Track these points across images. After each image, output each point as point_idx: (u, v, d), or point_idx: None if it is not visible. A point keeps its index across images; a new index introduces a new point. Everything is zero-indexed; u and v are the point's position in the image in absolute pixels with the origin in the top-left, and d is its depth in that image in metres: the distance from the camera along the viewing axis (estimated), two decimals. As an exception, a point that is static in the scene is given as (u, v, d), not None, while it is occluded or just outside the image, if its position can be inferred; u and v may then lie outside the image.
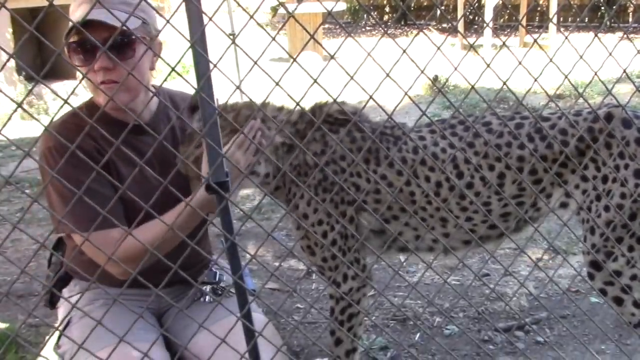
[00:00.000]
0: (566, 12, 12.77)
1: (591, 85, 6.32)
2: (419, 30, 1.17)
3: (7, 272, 3.74)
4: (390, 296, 3.30)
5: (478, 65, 1.52)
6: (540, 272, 3.47)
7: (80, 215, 1.80)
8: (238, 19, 5.59)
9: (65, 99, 0.91)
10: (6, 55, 0.79)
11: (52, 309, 2.19)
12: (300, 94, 1.09)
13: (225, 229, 1.36)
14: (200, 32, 1.22)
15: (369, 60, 1.10)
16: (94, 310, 2.01)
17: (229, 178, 1.39)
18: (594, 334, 2.94)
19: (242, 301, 1.41)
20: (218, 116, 1.33)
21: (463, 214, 2.14)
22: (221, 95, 1.73)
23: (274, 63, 9.66)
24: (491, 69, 1.21)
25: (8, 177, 0.90)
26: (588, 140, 2.01)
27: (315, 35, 1.09)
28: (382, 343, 2.89)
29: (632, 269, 2.00)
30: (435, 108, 6.84)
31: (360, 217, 2.21)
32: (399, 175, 2.16)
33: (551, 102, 1.23)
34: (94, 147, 1.93)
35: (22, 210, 4.66)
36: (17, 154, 5.94)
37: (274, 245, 3.94)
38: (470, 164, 2.11)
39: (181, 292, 2.14)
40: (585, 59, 1.31)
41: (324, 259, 2.18)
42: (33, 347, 2.79)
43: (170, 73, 1.06)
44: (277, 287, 3.50)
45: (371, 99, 1.10)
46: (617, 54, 1.40)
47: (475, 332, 3.01)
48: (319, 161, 2.13)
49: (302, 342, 2.98)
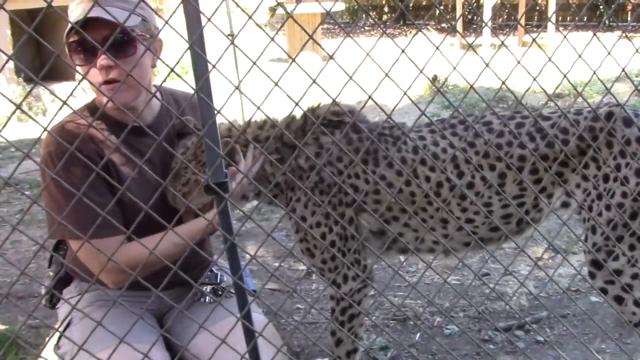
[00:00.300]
0: (565, 11, 12.78)
1: (590, 84, 6.33)
2: (418, 30, 1.17)
3: (7, 274, 3.74)
4: (391, 296, 3.30)
5: (477, 64, 1.52)
6: (540, 272, 3.47)
7: (73, 223, 1.77)
8: (237, 19, 5.59)
9: (64, 101, 0.91)
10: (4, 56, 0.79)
11: (52, 309, 2.18)
12: (299, 94, 1.09)
13: (224, 230, 1.36)
14: (198, 33, 1.22)
15: (368, 60, 1.10)
16: (94, 311, 2.01)
17: (228, 179, 1.39)
18: (594, 333, 2.94)
19: (242, 302, 1.41)
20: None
21: (464, 214, 2.14)
22: (220, 96, 1.73)
23: (272, 63, 9.65)
24: (490, 69, 1.21)
25: (7, 179, 0.90)
26: (588, 139, 2.01)
27: (314, 36, 1.09)
28: (382, 343, 2.89)
29: (632, 267, 2.00)
30: (434, 108, 6.84)
31: (360, 218, 2.20)
32: (399, 176, 2.16)
33: (550, 101, 1.23)
34: (95, 151, 1.90)
35: (22, 212, 4.65)
36: (17, 156, 5.94)
37: (274, 245, 3.94)
38: (470, 164, 2.10)
39: (182, 294, 2.14)
40: (584, 58, 1.31)
41: (323, 261, 2.18)
42: (33, 348, 2.79)
43: (169, 74, 1.06)
44: (277, 287, 3.50)
45: (370, 99, 1.10)
46: (616, 52, 1.40)
47: (476, 331, 3.01)
48: (313, 164, 2.14)
49: (303, 342, 2.97)
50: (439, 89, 1.14)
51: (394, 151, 2.17)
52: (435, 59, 1.16)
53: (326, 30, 14.06)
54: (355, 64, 1.10)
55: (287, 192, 2.20)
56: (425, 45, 7.46)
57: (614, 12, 11.85)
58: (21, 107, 0.86)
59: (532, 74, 1.26)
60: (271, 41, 1.04)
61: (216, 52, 1.25)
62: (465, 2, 10.38)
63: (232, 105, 5.52)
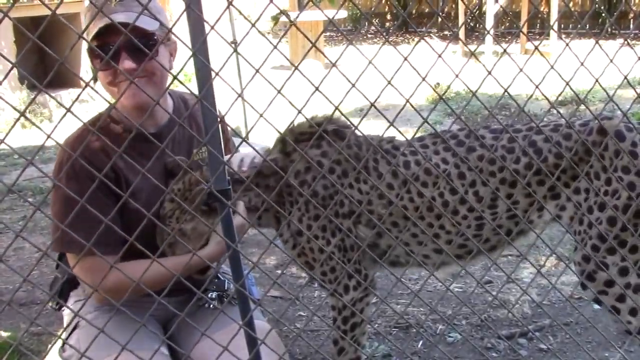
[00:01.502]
0: (567, 19, 12.79)
1: (593, 92, 6.32)
2: (420, 38, 1.17)
3: (10, 281, 3.74)
4: (393, 304, 3.30)
5: (479, 72, 1.52)
6: (543, 279, 3.46)
7: (72, 239, 1.74)
8: (240, 27, 5.61)
9: (68, 108, 0.92)
10: (8, 63, 0.79)
11: (58, 310, 2.19)
12: (301, 102, 1.09)
13: (227, 237, 1.36)
14: (202, 41, 1.22)
15: (370, 68, 1.11)
16: (99, 316, 2.01)
17: (230, 186, 1.39)
18: (598, 341, 2.93)
19: (245, 309, 1.41)
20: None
21: (455, 229, 2.14)
22: (223, 103, 1.74)
23: (275, 71, 9.68)
24: (492, 76, 1.21)
25: (11, 186, 0.91)
26: (581, 153, 2.02)
27: (316, 43, 1.10)
28: (384, 351, 2.88)
29: (625, 277, 2.00)
30: (436, 115, 6.85)
31: (357, 229, 2.20)
32: (390, 189, 2.15)
33: (553, 108, 1.23)
34: (105, 164, 1.87)
35: (25, 219, 4.66)
36: (20, 162, 5.95)
37: (277, 253, 3.93)
38: (464, 179, 2.11)
39: (188, 300, 2.14)
40: (586, 65, 1.31)
41: (323, 273, 2.17)
42: (35, 355, 2.79)
43: (172, 81, 1.07)
44: (279, 294, 3.50)
45: (373, 106, 1.10)
46: (619, 60, 1.40)
47: (478, 339, 3.00)
48: (304, 179, 2.13)
49: (305, 349, 2.97)
50: (441, 96, 1.14)
51: (383, 164, 2.17)
52: (438, 66, 1.16)
53: (329, 37, 14.09)
54: (357, 71, 1.10)
55: (279, 208, 2.18)
56: (427, 52, 7.47)
57: (616, 20, 11.86)
58: (25, 114, 0.86)
59: (535, 81, 1.26)
60: (274, 49, 1.04)
61: (219, 59, 1.25)
62: (468, 10, 10.40)
63: (235, 113, 5.52)
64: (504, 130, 2.12)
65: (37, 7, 7.07)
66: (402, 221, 2.15)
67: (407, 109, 1.51)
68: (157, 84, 1.93)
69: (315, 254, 2.16)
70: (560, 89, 1.34)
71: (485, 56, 9.40)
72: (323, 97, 1.09)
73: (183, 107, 2.15)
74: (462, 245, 2.18)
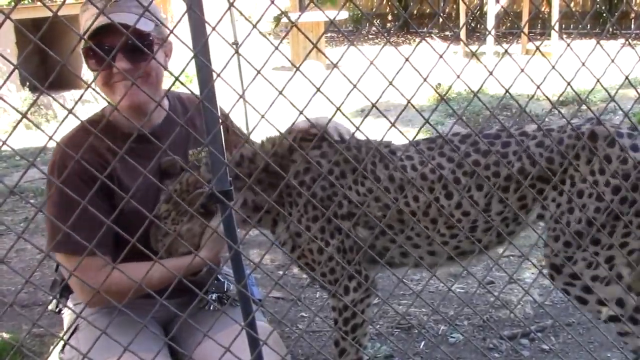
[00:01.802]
0: (568, 19, 12.78)
1: (594, 92, 6.32)
2: (422, 38, 1.17)
3: (12, 282, 3.74)
4: (395, 304, 3.30)
5: (480, 72, 1.52)
6: (545, 280, 3.46)
7: (62, 239, 1.75)
8: (241, 28, 5.61)
9: (70, 109, 0.92)
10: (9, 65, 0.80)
11: (58, 313, 2.18)
12: (303, 103, 1.09)
13: (229, 238, 1.36)
14: (203, 42, 1.22)
15: (371, 69, 1.11)
16: (100, 318, 2.01)
17: (232, 187, 1.39)
18: (600, 342, 2.92)
19: (247, 310, 1.41)
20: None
21: (449, 231, 2.17)
22: (224, 104, 1.74)
23: (276, 72, 9.68)
24: (494, 77, 1.21)
25: (13, 187, 0.91)
26: (569, 157, 2.05)
27: (317, 44, 1.10)
28: (386, 352, 2.88)
29: (594, 270, 2.06)
30: (437, 115, 6.84)
31: (357, 231, 2.20)
32: (386, 192, 2.16)
33: (554, 109, 1.23)
34: (99, 163, 1.89)
35: (26, 220, 4.66)
36: (22, 164, 5.96)
37: (278, 253, 3.93)
38: (458, 184, 2.13)
39: (189, 301, 2.14)
40: (587, 65, 1.31)
41: (323, 274, 2.17)
42: (37, 356, 2.79)
43: (174, 83, 1.07)
44: (281, 295, 3.50)
45: (374, 107, 1.10)
46: (620, 60, 1.40)
47: (480, 340, 3.00)
48: (303, 179, 2.13)
49: (307, 350, 2.97)
50: (442, 96, 1.14)
51: (380, 167, 2.18)
52: (439, 67, 1.16)
53: (330, 38, 14.10)
54: (359, 72, 1.10)
55: (278, 210, 2.17)
56: (428, 53, 7.47)
57: (617, 20, 11.86)
58: (27, 116, 0.86)
59: (536, 81, 1.26)
60: (275, 50, 1.04)
61: (220, 60, 1.25)
62: (469, 10, 10.40)
63: (237, 114, 5.52)
64: (498, 136, 2.16)
65: (38, 8, 7.09)
66: (397, 224, 2.17)
67: (409, 110, 1.51)
68: (153, 85, 1.94)
69: (314, 255, 2.16)
70: (562, 89, 1.34)
71: (486, 57, 9.39)
72: (324, 98, 1.09)
73: (179, 106, 2.15)
74: (455, 247, 2.21)
